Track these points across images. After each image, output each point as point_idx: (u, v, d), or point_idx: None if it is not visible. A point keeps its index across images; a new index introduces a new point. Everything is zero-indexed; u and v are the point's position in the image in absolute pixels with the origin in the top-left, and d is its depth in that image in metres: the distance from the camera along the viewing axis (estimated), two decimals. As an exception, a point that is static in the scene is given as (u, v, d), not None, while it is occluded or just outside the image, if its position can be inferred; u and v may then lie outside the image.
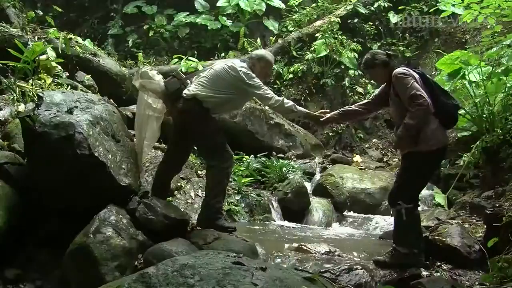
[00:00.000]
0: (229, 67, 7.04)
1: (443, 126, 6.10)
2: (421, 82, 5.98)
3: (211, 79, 7.02)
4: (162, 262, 4.16)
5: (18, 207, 6.58)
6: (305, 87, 16.24)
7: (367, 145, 15.98)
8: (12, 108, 8.65)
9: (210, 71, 7.14)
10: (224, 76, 7.02)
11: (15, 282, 6.11)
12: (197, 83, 7.04)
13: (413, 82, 5.90)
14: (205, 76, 7.08)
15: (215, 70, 7.11)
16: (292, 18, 18.37)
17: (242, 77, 6.95)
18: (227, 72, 7.02)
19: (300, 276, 4.16)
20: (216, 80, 7.02)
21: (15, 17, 14.12)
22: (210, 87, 6.97)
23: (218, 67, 7.15)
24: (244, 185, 10.01)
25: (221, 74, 7.04)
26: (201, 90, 6.94)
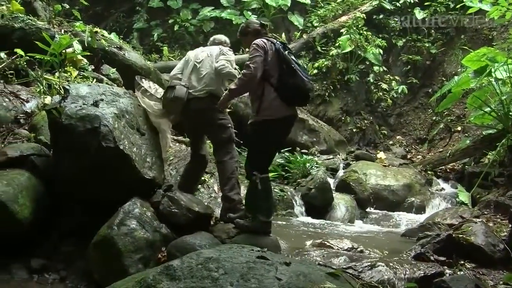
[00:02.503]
0: (221, 49, 7.36)
1: (284, 101, 6.21)
2: (275, 58, 6.22)
3: (212, 71, 7.16)
4: (186, 255, 4.17)
5: (44, 198, 6.65)
6: (329, 83, 16.21)
7: (391, 142, 15.96)
8: (39, 100, 8.73)
9: (209, 65, 7.22)
10: (219, 54, 7.27)
11: (40, 272, 6.19)
12: (203, 79, 7.13)
13: (257, 54, 6.21)
14: (208, 72, 7.17)
15: (212, 59, 7.23)
16: (317, 13, 18.30)
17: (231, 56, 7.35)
18: (221, 51, 7.32)
19: (323, 272, 4.16)
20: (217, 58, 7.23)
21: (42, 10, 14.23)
22: (217, 81, 7.18)
23: (220, 55, 7.26)
24: (267, 180, 10.00)
25: (217, 55, 7.25)
26: (213, 85, 7.10)
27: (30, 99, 8.78)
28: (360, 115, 16.27)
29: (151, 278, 3.89)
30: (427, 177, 12.12)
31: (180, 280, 3.81)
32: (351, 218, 9.85)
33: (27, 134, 7.85)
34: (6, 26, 10.40)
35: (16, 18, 10.68)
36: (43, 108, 8.02)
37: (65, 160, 6.57)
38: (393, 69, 17.00)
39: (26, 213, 6.20)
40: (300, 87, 6.18)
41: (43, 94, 8.85)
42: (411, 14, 16.88)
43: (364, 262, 5.96)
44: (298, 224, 8.99)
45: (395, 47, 17.07)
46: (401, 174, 11.79)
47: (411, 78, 16.52)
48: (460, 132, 14.78)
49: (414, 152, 15.28)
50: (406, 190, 11.21)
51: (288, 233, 7.85)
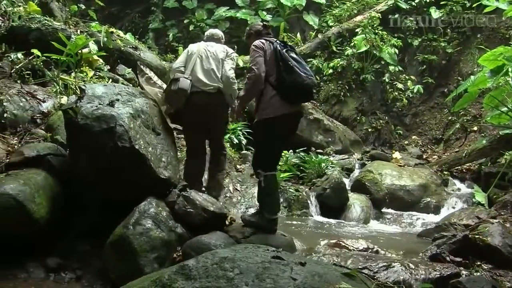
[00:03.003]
0: (226, 49, 7.72)
1: (283, 99, 6.26)
2: (273, 56, 6.33)
3: (221, 68, 7.50)
4: (202, 255, 4.18)
5: (60, 197, 6.70)
6: (344, 83, 16.17)
7: (407, 142, 15.88)
8: (55, 100, 8.80)
9: (215, 62, 7.51)
10: (226, 57, 7.61)
11: (56, 271, 6.23)
12: (212, 75, 7.39)
13: (257, 55, 6.35)
14: (214, 68, 7.44)
15: (217, 57, 7.54)
16: (332, 13, 18.27)
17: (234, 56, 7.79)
18: (227, 52, 7.66)
19: (339, 272, 4.16)
20: (223, 62, 7.54)
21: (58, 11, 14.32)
22: (224, 71, 7.49)
23: (220, 53, 7.60)
24: (282, 180, 10.00)
25: (224, 57, 7.59)
26: (221, 83, 7.40)
27: (46, 99, 8.85)
28: (376, 114, 16.21)
29: (167, 278, 3.91)
30: (443, 177, 12.06)
31: (196, 280, 3.83)
32: (366, 218, 9.83)
33: (43, 134, 7.92)
34: (23, 26, 10.50)
35: (33, 18, 10.78)
36: (60, 108, 8.07)
37: (81, 160, 6.62)
38: (408, 69, 16.91)
39: (42, 212, 6.24)
40: (297, 83, 6.19)
41: (59, 94, 8.92)
42: (427, 13, 16.80)
43: (379, 262, 5.95)
44: (313, 224, 8.99)
45: (410, 46, 16.97)
46: (417, 174, 11.75)
47: (426, 77, 16.42)
48: (476, 132, 14.68)
49: (430, 152, 15.20)
50: (421, 190, 11.18)
51: (303, 233, 7.86)
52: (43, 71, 9.61)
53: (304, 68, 6.35)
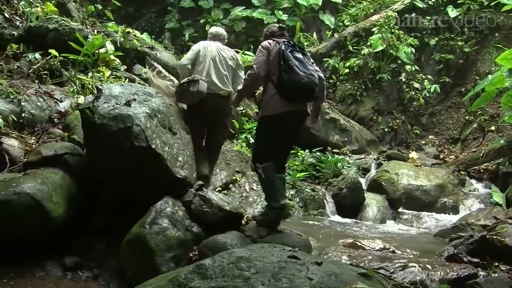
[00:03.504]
0: (235, 55, 8.21)
1: (283, 98, 6.35)
2: (277, 56, 6.42)
3: (231, 72, 8.00)
4: (218, 254, 4.18)
5: (77, 196, 6.75)
6: (361, 82, 16.13)
7: (423, 142, 15.82)
8: (72, 100, 8.85)
9: (227, 67, 7.94)
10: (235, 67, 8.09)
11: (74, 269, 6.28)
12: (225, 80, 7.83)
13: (261, 55, 6.54)
14: (227, 74, 7.88)
15: (228, 62, 7.98)
16: (349, 12, 18.23)
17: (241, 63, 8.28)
18: (237, 60, 8.18)
19: (355, 272, 4.14)
20: (232, 74, 8.02)
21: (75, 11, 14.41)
22: (236, 80, 8.00)
23: (230, 59, 8.04)
24: (298, 180, 10.00)
25: (235, 65, 8.08)
26: (231, 88, 7.85)
27: (64, 99, 8.89)
28: (392, 114, 16.15)
29: (183, 277, 3.91)
30: (460, 177, 12.00)
31: (212, 279, 3.83)
32: (382, 218, 9.80)
33: (61, 133, 7.97)
34: (41, 27, 10.55)
35: (50, 19, 10.83)
36: (77, 107, 8.11)
37: (98, 159, 6.66)
38: (425, 68, 16.84)
39: (60, 211, 6.29)
40: (295, 82, 6.24)
41: (76, 94, 8.97)
42: (444, 12, 16.70)
43: (396, 262, 5.93)
44: (329, 224, 8.97)
45: (427, 45, 16.90)
46: (434, 174, 11.69)
47: (443, 77, 16.34)
48: (494, 132, 14.59)
49: (447, 152, 15.14)
50: (438, 191, 11.13)
51: (320, 233, 7.84)
52: (60, 71, 9.67)
53: (305, 68, 6.37)
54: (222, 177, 8.95)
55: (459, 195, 11.19)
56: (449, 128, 15.96)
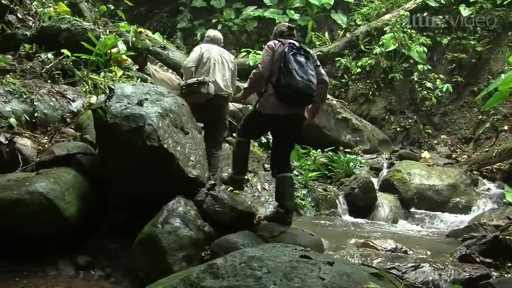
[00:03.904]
0: (233, 59, 8.82)
1: (279, 99, 6.49)
2: (279, 58, 6.52)
3: (230, 75, 8.50)
4: (230, 254, 4.18)
5: (90, 196, 6.78)
6: (373, 82, 16.09)
7: (436, 141, 15.74)
8: (85, 100, 8.88)
9: (228, 70, 8.48)
10: (234, 70, 8.63)
11: (86, 268, 6.30)
12: (227, 82, 8.39)
13: (266, 55, 6.67)
14: (229, 77, 8.44)
15: (228, 65, 8.51)
16: (361, 11, 18.19)
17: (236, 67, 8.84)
18: (234, 65, 8.71)
19: (367, 272, 4.13)
20: (232, 75, 8.58)
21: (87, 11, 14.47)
22: (233, 82, 8.59)
23: (230, 63, 8.58)
24: (310, 179, 9.98)
25: (233, 69, 8.61)
26: (231, 90, 8.46)
27: (76, 99, 8.93)
28: (404, 114, 16.10)
29: (195, 276, 3.92)
30: (473, 177, 11.95)
31: (224, 279, 3.83)
32: (394, 218, 9.77)
33: (73, 133, 8.00)
34: (53, 27, 10.61)
35: (63, 19, 10.89)
36: (89, 107, 8.15)
37: (110, 159, 6.68)
38: (437, 68, 16.76)
39: (72, 210, 6.32)
40: (291, 86, 6.34)
41: (88, 94, 9.00)
42: (456, 11, 16.61)
43: (408, 262, 5.92)
44: (341, 223, 8.96)
45: (439, 45, 16.80)
46: (446, 174, 11.64)
47: (456, 76, 16.26)
48: (507, 132, 14.51)
49: (459, 151, 15.06)
50: (451, 190, 11.08)
51: (331, 233, 7.83)
52: (72, 71, 9.71)
53: (305, 72, 6.45)
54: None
55: (471, 195, 11.14)
56: (462, 128, 15.88)
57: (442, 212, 10.52)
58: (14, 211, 5.96)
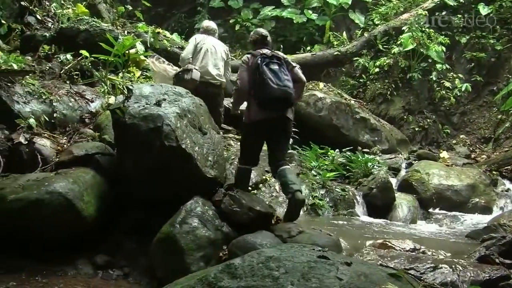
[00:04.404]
0: (227, 50, 9.62)
1: (260, 107, 6.92)
2: (254, 70, 6.98)
3: (223, 65, 9.29)
4: (247, 254, 4.19)
5: (108, 195, 6.84)
6: (391, 81, 16.00)
7: (454, 141, 15.62)
8: (103, 100, 8.95)
9: (221, 59, 9.29)
10: (226, 60, 9.44)
11: (104, 268, 6.36)
12: (219, 70, 9.21)
13: (242, 70, 7.18)
14: (221, 65, 9.26)
15: (221, 55, 9.31)
16: (379, 11, 18.10)
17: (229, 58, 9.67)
18: (227, 56, 9.49)
19: (385, 272, 4.11)
20: (225, 64, 9.35)
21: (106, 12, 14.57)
22: (225, 72, 9.32)
23: (223, 53, 9.42)
24: (328, 180, 9.95)
25: (226, 58, 9.40)
26: (224, 76, 9.23)
27: (94, 99, 9.00)
28: (423, 113, 16.00)
29: (213, 276, 3.92)
30: (492, 177, 11.84)
31: (241, 279, 3.83)
32: (413, 219, 9.71)
33: (92, 133, 8.06)
34: (72, 28, 10.71)
35: (81, 20, 10.99)
36: (107, 107, 8.20)
37: (128, 159, 6.73)
38: (456, 67, 16.62)
39: (91, 210, 6.37)
40: (269, 94, 6.79)
41: (107, 94, 9.07)
42: (475, 10, 16.48)
43: (426, 263, 5.88)
44: (359, 224, 8.92)
45: (458, 44, 16.67)
46: (465, 174, 11.56)
47: (475, 75, 16.12)
48: (527, 131, 14.40)
49: (479, 151, 14.93)
50: (470, 191, 10.99)
51: (349, 233, 7.80)
52: (91, 72, 9.78)
53: (279, 79, 6.88)
54: (252, 176, 8.96)
55: (491, 196, 11.05)
56: (481, 128, 15.74)
57: (461, 212, 10.43)
58: (34, 211, 6.03)
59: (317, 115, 12.54)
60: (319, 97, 12.85)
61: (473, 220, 9.85)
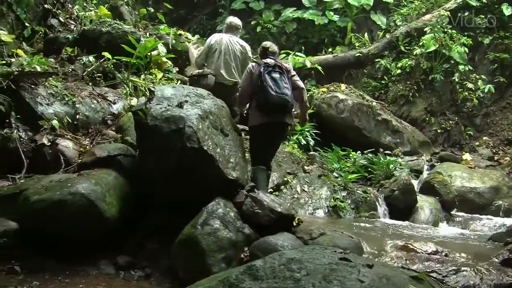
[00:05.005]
0: (245, 48, 9.70)
1: (261, 112, 7.56)
2: (257, 78, 7.57)
3: (238, 64, 9.46)
4: (269, 256, 4.19)
5: (130, 197, 6.87)
6: (413, 83, 15.88)
7: (477, 143, 15.48)
8: (125, 102, 9.01)
9: (235, 58, 9.49)
10: (243, 58, 9.54)
11: (126, 268, 6.39)
12: (232, 71, 9.45)
13: (245, 78, 7.91)
14: (234, 65, 9.42)
15: (236, 55, 9.50)
16: (400, 12, 17.98)
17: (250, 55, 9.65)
18: (245, 54, 9.61)
19: (407, 275, 4.09)
20: (240, 64, 9.46)
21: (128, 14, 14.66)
22: (239, 71, 9.32)
23: (238, 52, 9.59)
24: (350, 181, 9.93)
25: (243, 57, 9.55)
26: (238, 78, 9.25)
27: (117, 101, 9.05)
28: (445, 115, 15.88)
29: (234, 278, 3.93)
30: (515, 179, 11.74)
31: (263, 280, 3.84)
32: (435, 221, 9.65)
33: (114, 134, 8.11)
34: (94, 30, 10.77)
35: (104, 22, 11.05)
36: (129, 109, 8.25)
37: (150, 160, 6.75)
38: (479, 68, 16.48)
39: (113, 211, 6.41)
40: (268, 100, 7.41)
41: (129, 96, 9.11)
42: (499, 10, 16.32)
43: (448, 266, 5.85)
44: (381, 226, 8.88)
45: (481, 45, 16.52)
46: (488, 176, 11.48)
47: (498, 76, 15.96)
48: (551, 133, 14.24)
49: (502, 153, 14.78)
50: (493, 193, 10.92)
51: (371, 235, 7.77)
52: (113, 74, 9.84)
53: (278, 87, 7.49)
54: (273, 178, 8.97)
55: (514, 198, 10.97)
56: (504, 129, 15.59)
57: (484, 215, 10.35)
58: (57, 212, 6.08)
59: (338, 116, 12.51)
60: (341, 99, 12.81)
61: (496, 223, 9.77)
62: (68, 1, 12.63)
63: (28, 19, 10.99)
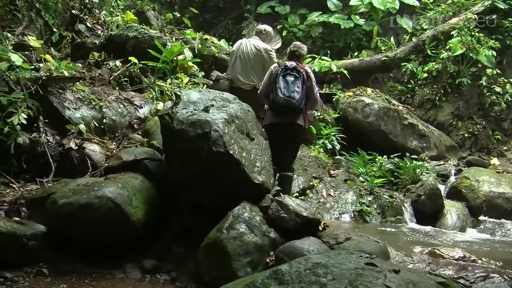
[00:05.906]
0: (266, 52, 9.30)
1: (272, 111, 7.81)
2: (273, 79, 7.77)
3: (252, 66, 9.20)
4: (295, 260, 4.17)
5: (156, 201, 6.88)
6: (440, 87, 15.79)
7: (505, 148, 15.34)
8: (152, 106, 9.05)
9: (249, 61, 9.23)
10: (258, 60, 9.22)
11: (152, 272, 6.39)
12: (249, 75, 9.19)
13: (265, 78, 8.04)
14: (249, 69, 9.20)
15: (255, 60, 9.22)
16: (427, 15, 17.86)
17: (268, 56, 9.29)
18: (265, 57, 9.22)
19: (433, 281, 4.05)
20: (256, 65, 9.19)
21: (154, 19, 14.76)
22: (259, 74, 9.01)
23: (257, 56, 9.25)
24: (376, 186, 9.88)
25: (256, 59, 9.22)
26: (256, 81, 9.00)
27: (143, 105, 9.11)
28: (472, 119, 15.75)
29: (260, 282, 3.92)
30: (545, 185, 11.58)
31: (289, 285, 3.82)
32: (462, 226, 9.57)
33: (140, 139, 8.16)
34: (121, 35, 10.86)
35: (130, 27, 11.14)
36: (156, 113, 8.29)
37: (176, 164, 6.76)
38: (507, 72, 16.33)
39: (139, 215, 6.43)
40: (275, 102, 7.63)
41: (155, 100, 9.16)
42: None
43: (476, 272, 5.78)
44: (407, 231, 8.82)
45: (509, 48, 16.38)
46: (516, 181, 11.35)
47: (527, 80, 15.84)
48: None
49: (531, 158, 14.65)
50: (522, 199, 10.78)
51: (397, 240, 7.73)
52: (140, 78, 9.90)
53: (288, 90, 7.61)
54: (299, 182, 8.96)
55: (544, 203, 10.82)
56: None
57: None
58: (84, 215, 6.12)
59: (364, 121, 12.48)
60: (367, 103, 12.78)
61: (525, 228, 9.66)
62: (95, 6, 12.77)
63: (56, 25, 11.11)
